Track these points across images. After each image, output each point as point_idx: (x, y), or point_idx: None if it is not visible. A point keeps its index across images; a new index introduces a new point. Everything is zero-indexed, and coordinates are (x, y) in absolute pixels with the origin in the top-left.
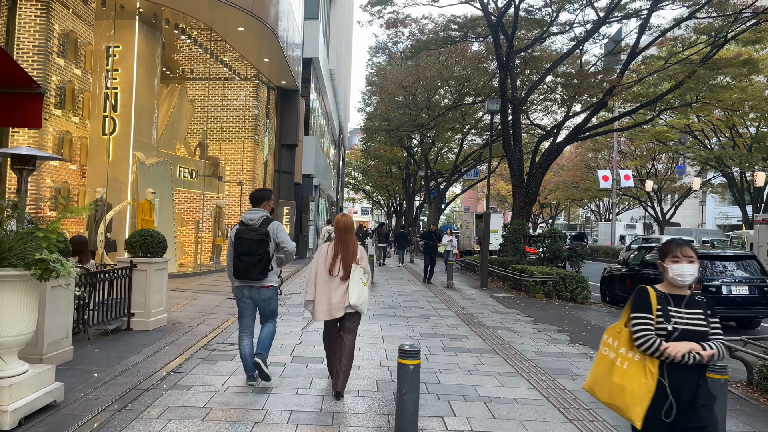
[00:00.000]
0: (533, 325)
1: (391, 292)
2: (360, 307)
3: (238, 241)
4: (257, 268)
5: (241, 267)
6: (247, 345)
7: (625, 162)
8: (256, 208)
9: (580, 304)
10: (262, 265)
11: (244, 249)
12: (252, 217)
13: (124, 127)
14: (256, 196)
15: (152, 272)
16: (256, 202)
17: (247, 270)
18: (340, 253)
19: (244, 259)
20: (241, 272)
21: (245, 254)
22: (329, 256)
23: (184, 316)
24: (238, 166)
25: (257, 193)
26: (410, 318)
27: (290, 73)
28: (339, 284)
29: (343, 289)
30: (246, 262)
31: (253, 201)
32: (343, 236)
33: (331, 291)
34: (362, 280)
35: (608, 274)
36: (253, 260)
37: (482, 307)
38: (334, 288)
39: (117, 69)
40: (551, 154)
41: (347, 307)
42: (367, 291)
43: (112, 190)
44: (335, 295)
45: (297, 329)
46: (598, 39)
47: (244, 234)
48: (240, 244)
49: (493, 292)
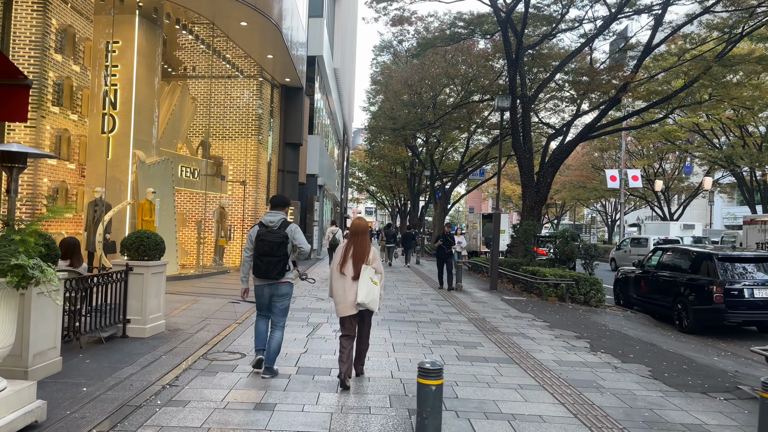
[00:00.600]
0: (550, 331)
1: (399, 295)
2: (369, 305)
3: (260, 242)
4: (277, 269)
5: (262, 267)
6: (263, 324)
7: (632, 161)
8: (275, 210)
9: (594, 307)
10: (281, 265)
11: (266, 250)
12: (272, 219)
13: (123, 125)
14: (278, 201)
15: (149, 276)
16: (278, 206)
17: (268, 270)
18: (351, 254)
19: (264, 260)
20: (262, 271)
21: (266, 255)
22: (342, 257)
23: (184, 321)
24: (241, 165)
25: (280, 198)
26: (420, 323)
27: (294, 70)
28: (351, 284)
29: (355, 289)
30: (267, 262)
31: (274, 205)
32: (356, 238)
33: (345, 290)
34: (372, 279)
35: (622, 276)
36: (274, 261)
37: (494, 311)
38: (348, 287)
39: (116, 65)
40: (562, 153)
41: (359, 306)
42: (378, 290)
43: (111, 190)
44: (350, 293)
45: (302, 336)
46: (608, 36)
47: (265, 236)
48: (262, 245)
49: (503, 294)
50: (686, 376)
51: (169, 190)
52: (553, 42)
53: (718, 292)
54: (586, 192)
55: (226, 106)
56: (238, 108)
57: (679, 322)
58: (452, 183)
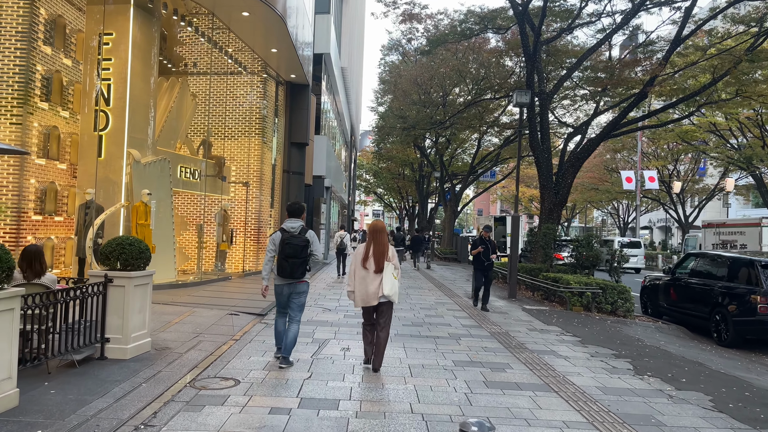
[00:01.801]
0: (583, 348)
1: (412, 305)
2: (392, 297)
3: (286, 246)
4: (300, 269)
5: (287, 268)
6: (282, 323)
7: (647, 163)
8: (293, 218)
9: (622, 317)
10: (303, 266)
11: (290, 252)
12: (293, 226)
13: (117, 123)
14: (295, 209)
15: (132, 288)
16: (295, 214)
17: (292, 270)
18: (372, 251)
19: (290, 261)
20: (286, 272)
21: (291, 257)
22: (364, 252)
23: (174, 338)
24: (243, 166)
25: (295, 206)
26: (438, 339)
27: (300, 65)
28: (374, 278)
29: (377, 282)
30: (292, 263)
31: (291, 213)
32: (375, 237)
33: (367, 284)
34: (393, 274)
35: (650, 284)
36: (298, 262)
37: (517, 324)
38: (370, 281)
39: (110, 58)
40: (583, 152)
41: (381, 297)
42: (398, 284)
43: (104, 192)
44: (371, 286)
45: (306, 356)
46: (626, 30)
47: (290, 240)
48: (287, 248)
49: (524, 303)
50: (753, 407)
51: (166, 191)
52: (567, 39)
53: (763, 302)
54: (598, 194)
55: (229, 103)
56: (241, 106)
57: (717, 335)
58: (462, 185)
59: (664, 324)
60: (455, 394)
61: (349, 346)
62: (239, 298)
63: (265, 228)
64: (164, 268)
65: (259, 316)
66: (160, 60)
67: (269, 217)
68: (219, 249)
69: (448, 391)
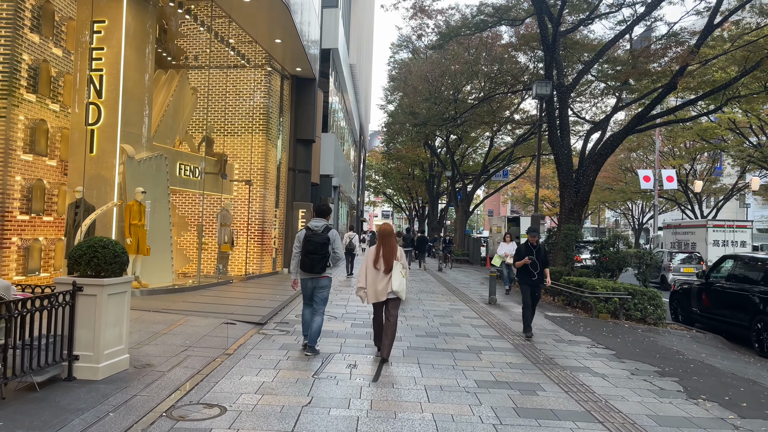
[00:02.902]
0: (620, 364)
1: (425, 311)
2: (400, 293)
3: (308, 242)
4: (320, 265)
5: (308, 263)
6: (308, 313)
7: (663, 162)
8: (319, 217)
9: (652, 325)
10: (323, 262)
11: (311, 249)
12: (317, 225)
13: (110, 116)
14: (322, 210)
15: (104, 298)
16: (321, 215)
17: (313, 265)
18: (382, 253)
19: (310, 257)
20: (308, 267)
21: (312, 253)
22: (374, 254)
23: (159, 352)
24: (246, 163)
25: (323, 207)
26: (457, 353)
27: (306, 57)
28: (383, 276)
29: (386, 280)
30: (312, 259)
31: (318, 213)
32: (384, 240)
33: (377, 281)
34: (401, 273)
35: (680, 289)
36: (317, 258)
37: (542, 334)
38: (380, 279)
39: (102, 48)
40: (607, 148)
41: (390, 293)
42: (405, 281)
43: (96, 190)
44: (381, 284)
45: (307, 375)
46: (648, 21)
47: (312, 238)
48: (308, 245)
49: (545, 310)
50: None
51: (163, 190)
52: (584, 34)
53: None
54: (613, 194)
55: (231, 98)
56: (245, 100)
57: (758, 345)
58: (474, 184)
59: (699, 333)
60: (482, 426)
61: (356, 361)
62: (238, 304)
63: (270, 228)
64: (161, 271)
65: (257, 326)
66: (159, 52)
67: (274, 218)
68: (221, 251)
69: (473, 421)
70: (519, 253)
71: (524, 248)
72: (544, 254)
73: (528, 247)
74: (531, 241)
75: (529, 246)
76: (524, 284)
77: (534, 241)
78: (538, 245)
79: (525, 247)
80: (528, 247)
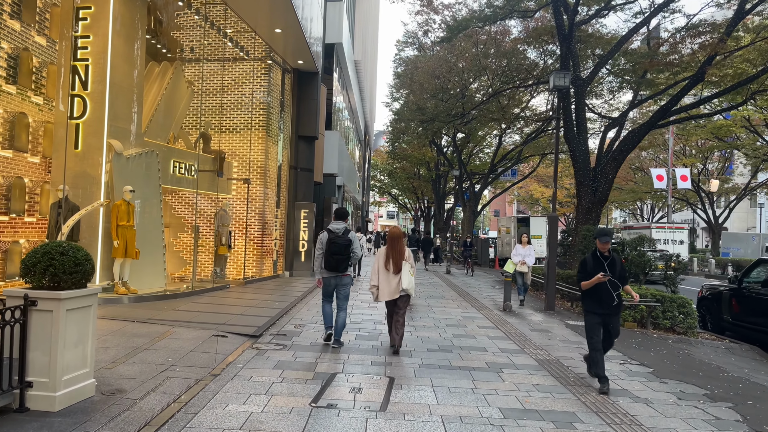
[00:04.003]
0: (661, 385)
1: (436, 320)
2: (409, 290)
3: (332, 244)
4: (343, 264)
5: (333, 263)
6: (328, 307)
7: (674, 161)
8: (338, 220)
9: (682, 335)
10: (346, 262)
11: (335, 250)
12: (338, 227)
13: (96, 109)
14: (340, 213)
15: (62, 314)
16: (341, 218)
17: (337, 264)
18: (392, 254)
19: (335, 257)
20: (332, 266)
21: (336, 254)
22: (385, 256)
23: (135, 373)
24: (245, 161)
25: (341, 211)
26: (475, 372)
27: (308, 49)
28: (394, 277)
29: (396, 280)
30: (336, 259)
31: (338, 216)
32: (393, 243)
33: (389, 281)
34: (410, 272)
35: (709, 294)
36: (342, 258)
37: (566, 347)
38: (391, 279)
39: (88, 36)
40: (628, 144)
41: (401, 291)
42: (414, 280)
43: (81, 188)
44: (392, 283)
45: (302, 403)
46: (666, 12)
47: (335, 240)
48: (333, 246)
49: (564, 317)
50: None
51: (154, 188)
52: (596, 28)
53: None
54: (622, 194)
55: (230, 93)
56: (243, 95)
57: None
58: (482, 184)
59: (733, 343)
60: None
61: (362, 384)
62: (233, 312)
63: (270, 230)
64: (152, 276)
65: (251, 339)
66: (153, 43)
67: (275, 218)
68: (218, 253)
69: None
70: (584, 269)
71: (592, 260)
72: (621, 268)
73: (597, 259)
74: (601, 249)
75: (598, 256)
76: (593, 314)
77: (605, 249)
78: (611, 255)
79: (593, 258)
80: (597, 258)
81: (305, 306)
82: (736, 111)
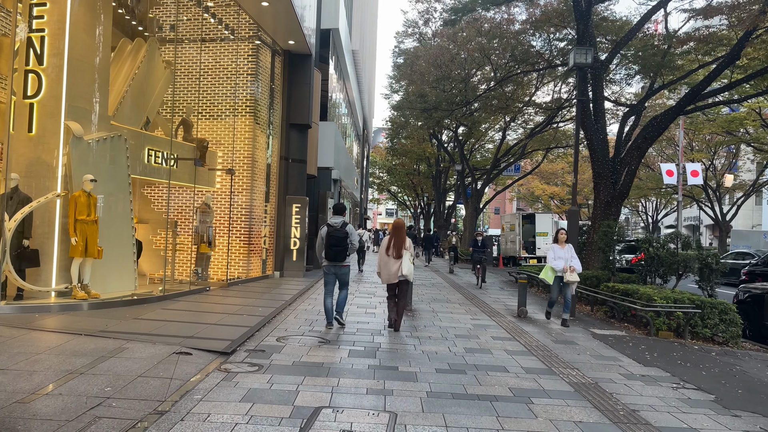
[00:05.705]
0: (733, 420)
1: (443, 330)
2: (409, 276)
3: (331, 237)
4: (342, 255)
5: (332, 254)
6: (329, 302)
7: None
8: (337, 215)
9: (724, 345)
10: (344, 252)
11: (334, 242)
12: (336, 222)
13: (53, 87)
14: (338, 208)
15: None
16: (339, 212)
17: (336, 255)
18: (393, 242)
19: (334, 249)
20: (331, 257)
21: (335, 246)
22: (387, 244)
23: (56, 410)
24: (229, 150)
25: (339, 206)
26: (497, 403)
27: (299, 27)
28: (394, 262)
29: (397, 265)
30: (335, 251)
31: (336, 211)
32: (396, 232)
33: (390, 266)
34: (410, 260)
35: (748, 298)
36: (340, 249)
37: (600, 364)
38: (392, 264)
39: (44, 3)
40: (653, 131)
41: (400, 276)
42: (413, 266)
43: (35, 178)
44: (393, 268)
45: (291, 428)
46: None
47: (333, 233)
48: (331, 239)
49: (588, 325)
50: None
51: (122, 179)
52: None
53: None
54: None
55: (213, 75)
56: (228, 78)
57: None
58: (485, 180)
59: None
60: None
61: (353, 424)
62: (207, 322)
63: (258, 226)
64: (117, 278)
65: (221, 356)
66: (128, 20)
67: (264, 213)
68: (199, 252)
69: None
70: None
71: None
72: None
73: None
74: None
75: None
76: None
77: None
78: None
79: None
80: None
81: (293, 312)
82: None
